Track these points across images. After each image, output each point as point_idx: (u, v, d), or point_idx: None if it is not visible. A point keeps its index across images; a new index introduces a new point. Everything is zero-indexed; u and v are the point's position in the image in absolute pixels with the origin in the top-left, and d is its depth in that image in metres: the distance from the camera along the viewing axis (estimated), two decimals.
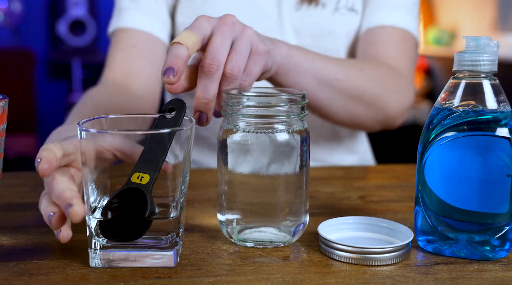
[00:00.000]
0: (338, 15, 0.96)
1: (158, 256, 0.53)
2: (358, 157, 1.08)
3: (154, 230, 0.53)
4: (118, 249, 0.53)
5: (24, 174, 0.88)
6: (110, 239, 0.52)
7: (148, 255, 0.53)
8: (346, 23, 0.97)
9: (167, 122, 0.57)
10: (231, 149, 0.57)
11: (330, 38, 0.97)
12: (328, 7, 0.96)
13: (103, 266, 0.53)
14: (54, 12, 3.95)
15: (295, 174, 0.58)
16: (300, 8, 0.96)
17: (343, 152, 1.05)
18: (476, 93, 0.55)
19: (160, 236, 0.53)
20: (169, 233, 0.53)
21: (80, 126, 0.52)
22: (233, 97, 0.58)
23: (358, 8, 0.97)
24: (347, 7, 0.96)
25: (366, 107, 0.86)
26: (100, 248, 0.53)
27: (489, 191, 0.54)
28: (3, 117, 0.55)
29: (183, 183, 0.54)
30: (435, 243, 0.57)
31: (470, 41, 0.55)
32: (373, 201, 0.76)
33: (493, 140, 0.54)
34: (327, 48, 0.96)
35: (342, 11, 0.96)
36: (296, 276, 0.52)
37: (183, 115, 0.57)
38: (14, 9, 3.82)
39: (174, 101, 0.57)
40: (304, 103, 0.58)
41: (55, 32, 3.92)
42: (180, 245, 0.55)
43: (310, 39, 0.97)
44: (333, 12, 0.96)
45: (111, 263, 0.53)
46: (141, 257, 0.53)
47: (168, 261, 0.53)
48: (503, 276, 0.53)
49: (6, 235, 0.62)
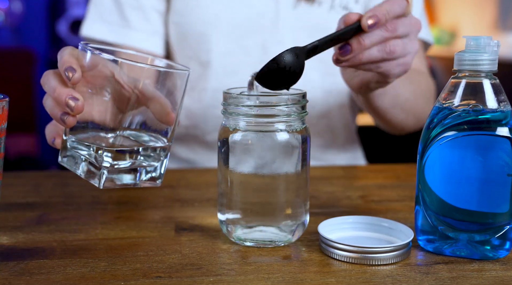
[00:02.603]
0: (333, 13, 0.97)
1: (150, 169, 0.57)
2: (350, 155, 1.08)
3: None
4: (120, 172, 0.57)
5: (25, 173, 0.88)
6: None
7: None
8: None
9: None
10: (231, 148, 0.57)
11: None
12: (324, 5, 0.97)
13: (110, 186, 0.56)
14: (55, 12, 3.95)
15: (296, 174, 0.58)
16: (298, 6, 0.97)
17: (337, 150, 1.06)
18: (476, 93, 0.55)
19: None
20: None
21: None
22: (234, 97, 0.58)
23: (352, 7, 0.98)
24: (341, 5, 0.98)
25: (415, 120, 0.96)
26: (107, 169, 0.56)
27: (489, 190, 0.54)
28: (4, 116, 0.55)
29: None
30: (435, 242, 0.57)
31: (470, 40, 0.55)
32: (373, 200, 0.76)
33: (494, 140, 0.54)
34: None
35: (337, 9, 0.98)
36: (296, 275, 0.52)
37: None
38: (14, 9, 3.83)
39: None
40: (305, 103, 0.58)
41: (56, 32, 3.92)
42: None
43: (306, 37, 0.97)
44: (328, 10, 0.97)
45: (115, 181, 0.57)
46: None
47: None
48: (503, 276, 0.53)
49: (7, 235, 0.62)
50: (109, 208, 0.71)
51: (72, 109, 0.54)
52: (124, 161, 0.57)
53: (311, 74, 0.99)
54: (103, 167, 0.55)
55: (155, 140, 0.58)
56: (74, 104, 0.53)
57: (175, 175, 0.87)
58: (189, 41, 0.97)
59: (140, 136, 0.58)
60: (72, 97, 0.54)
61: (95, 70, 0.55)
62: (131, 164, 0.57)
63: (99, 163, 0.55)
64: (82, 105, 0.54)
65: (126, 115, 0.55)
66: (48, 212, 0.69)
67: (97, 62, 0.55)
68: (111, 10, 0.97)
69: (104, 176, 0.56)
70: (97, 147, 0.55)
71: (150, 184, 0.59)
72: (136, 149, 0.57)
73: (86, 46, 0.55)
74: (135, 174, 0.58)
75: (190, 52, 0.97)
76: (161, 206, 0.72)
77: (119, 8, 0.96)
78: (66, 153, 0.59)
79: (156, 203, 0.73)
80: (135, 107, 0.56)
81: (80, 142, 0.57)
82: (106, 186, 0.56)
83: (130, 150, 0.57)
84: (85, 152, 0.57)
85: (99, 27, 0.97)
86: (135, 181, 0.58)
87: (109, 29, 0.97)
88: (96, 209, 0.71)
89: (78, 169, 0.58)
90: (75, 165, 0.58)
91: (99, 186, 0.56)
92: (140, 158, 0.57)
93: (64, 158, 0.59)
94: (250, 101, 0.57)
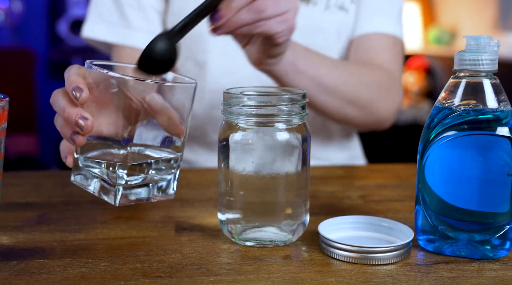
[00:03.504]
0: (328, 13, 0.98)
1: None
2: (349, 153, 1.08)
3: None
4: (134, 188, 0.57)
5: (25, 173, 0.88)
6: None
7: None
8: (336, 21, 0.99)
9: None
10: (231, 148, 0.57)
11: (320, 36, 0.99)
12: (319, 5, 0.97)
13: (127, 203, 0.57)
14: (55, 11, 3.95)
15: (296, 174, 0.58)
16: None
17: (335, 149, 1.06)
18: (476, 93, 0.55)
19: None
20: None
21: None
22: (234, 96, 0.58)
23: (348, 7, 0.99)
24: (337, 5, 0.98)
25: (359, 111, 0.92)
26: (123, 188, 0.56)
27: (489, 190, 0.54)
28: (4, 116, 0.55)
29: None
30: (435, 242, 0.57)
31: (470, 40, 0.55)
32: (373, 200, 0.76)
33: (494, 140, 0.54)
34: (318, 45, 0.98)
35: (333, 9, 0.98)
36: (296, 275, 0.52)
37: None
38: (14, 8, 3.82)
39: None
40: (305, 102, 0.58)
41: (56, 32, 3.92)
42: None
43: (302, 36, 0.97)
44: (324, 10, 0.98)
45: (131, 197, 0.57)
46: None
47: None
48: (503, 275, 0.53)
49: (7, 234, 0.62)
50: (109, 208, 0.70)
51: (81, 128, 0.54)
52: (136, 176, 0.57)
53: None
54: (118, 184, 0.55)
55: (166, 153, 0.59)
56: (84, 124, 0.54)
57: None
58: (185, 41, 0.97)
59: (151, 150, 0.58)
60: (81, 116, 0.54)
61: (102, 86, 0.56)
62: (143, 179, 0.57)
63: (114, 180, 0.55)
64: (92, 124, 0.54)
65: (135, 128, 0.56)
66: (48, 212, 0.69)
67: (104, 78, 0.55)
68: (111, 10, 0.97)
69: (120, 192, 0.56)
70: (108, 163, 0.56)
71: (163, 197, 0.60)
72: (149, 162, 0.57)
73: (92, 64, 0.55)
74: (148, 189, 0.58)
75: (186, 52, 0.97)
76: (161, 206, 0.72)
77: (119, 8, 0.96)
78: (79, 171, 0.59)
79: (156, 203, 0.73)
80: (143, 120, 0.56)
81: (92, 160, 0.57)
82: (121, 203, 0.57)
83: (142, 163, 0.57)
84: (97, 170, 0.57)
85: (99, 28, 0.97)
86: (149, 195, 0.58)
87: (110, 29, 0.97)
88: (96, 209, 0.71)
89: (90, 186, 0.58)
90: (87, 183, 0.58)
91: (115, 203, 0.56)
92: (151, 172, 0.58)
93: (76, 176, 0.59)
94: (250, 100, 0.57)
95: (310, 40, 0.98)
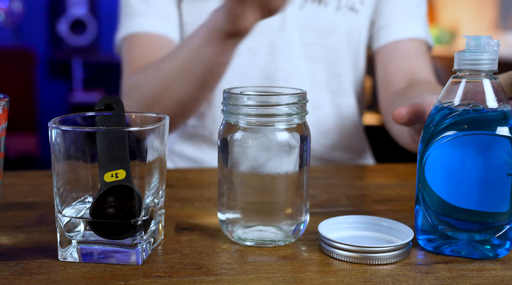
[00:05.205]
0: (339, 14, 0.98)
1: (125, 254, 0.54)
2: (359, 155, 1.08)
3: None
4: (95, 244, 0.54)
5: (25, 173, 0.88)
6: (105, 237, 0.53)
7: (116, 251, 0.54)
8: (347, 21, 0.99)
9: (111, 118, 0.55)
10: (231, 148, 0.57)
11: (332, 37, 0.99)
12: (330, 6, 0.98)
13: (79, 260, 0.54)
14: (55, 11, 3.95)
15: (296, 173, 0.58)
16: (304, 6, 0.97)
17: (345, 150, 1.06)
18: (476, 92, 0.55)
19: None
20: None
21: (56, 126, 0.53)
22: (234, 96, 0.58)
23: (358, 8, 0.99)
24: (347, 6, 0.98)
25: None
26: (77, 242, 0.54)
27: (489, 190, 0.54)
28: (4, 116, 0.55)
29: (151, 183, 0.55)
30: (435, 242, 0.57)
31: (470, 40, 0.55)
32: (373, 200, 0.76)
33: (494, 139, 0.54)
34: (329, 46, 0.98)
35: (344, 10, 0.98)
36: (296, 275, 0.52)
37: (123, 110, 0.56)
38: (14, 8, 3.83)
39: (108, 98, 0.56)
40: (305, 102, 0.58)
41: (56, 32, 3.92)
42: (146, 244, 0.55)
43: (314, 37, 0.98)
44: (335, 10, 0.98)
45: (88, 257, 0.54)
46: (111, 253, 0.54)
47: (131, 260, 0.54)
48: (503, 275, 0.53)
49: (7, 234, 0.62)
50: None
51: None
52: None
53: (318, 75, 1.00)
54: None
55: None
56: None
57: (175, 174, 0.87)
58: None
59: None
60: None
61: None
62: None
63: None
64: None
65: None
66: (48, 212, 0.69)
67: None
68: (137, 3, 0.99)
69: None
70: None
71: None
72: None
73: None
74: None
75: None
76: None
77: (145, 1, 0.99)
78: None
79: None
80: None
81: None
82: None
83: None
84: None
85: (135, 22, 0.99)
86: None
87: (141, 21, 0.99)
88: None
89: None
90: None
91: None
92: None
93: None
94: (250, 100, 0.57)
95: (322, 41, 0.99)
